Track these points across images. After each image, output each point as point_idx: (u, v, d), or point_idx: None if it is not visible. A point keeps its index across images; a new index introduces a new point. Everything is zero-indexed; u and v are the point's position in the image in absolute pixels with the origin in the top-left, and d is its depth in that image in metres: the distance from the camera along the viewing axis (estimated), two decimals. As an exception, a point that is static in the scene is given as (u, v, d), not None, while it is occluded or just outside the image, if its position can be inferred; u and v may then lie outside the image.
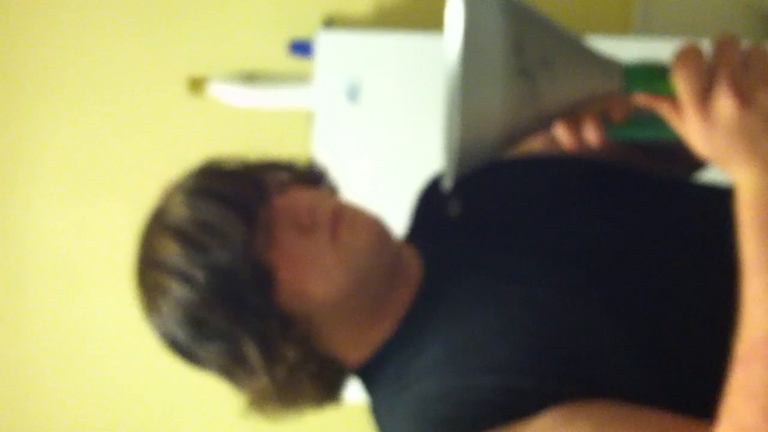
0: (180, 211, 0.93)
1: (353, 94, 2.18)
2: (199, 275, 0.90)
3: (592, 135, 0.80)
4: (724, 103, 0.71)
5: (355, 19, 2.40)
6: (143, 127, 2.47)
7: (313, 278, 0.92)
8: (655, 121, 0.79)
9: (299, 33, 2.36)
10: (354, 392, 1.02)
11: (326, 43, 2.21)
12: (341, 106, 2.19)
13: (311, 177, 1.04)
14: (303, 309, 0.92)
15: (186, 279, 0.91)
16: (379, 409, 0.97)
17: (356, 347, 0.97)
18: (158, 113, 2.46)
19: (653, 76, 0.75)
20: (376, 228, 0.96)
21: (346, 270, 0.92)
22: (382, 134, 2.19)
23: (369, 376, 0.98)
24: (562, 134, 0.81)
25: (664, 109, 0.76)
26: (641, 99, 0.77)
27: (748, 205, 0.73)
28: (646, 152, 1.06)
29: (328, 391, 0.98)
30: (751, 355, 0.71)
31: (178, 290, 0.91)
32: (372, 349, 0.96)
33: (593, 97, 0.76)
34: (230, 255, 0.90)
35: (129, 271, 0.99)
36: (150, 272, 0.95)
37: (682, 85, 0.72)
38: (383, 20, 2.39)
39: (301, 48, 2.33)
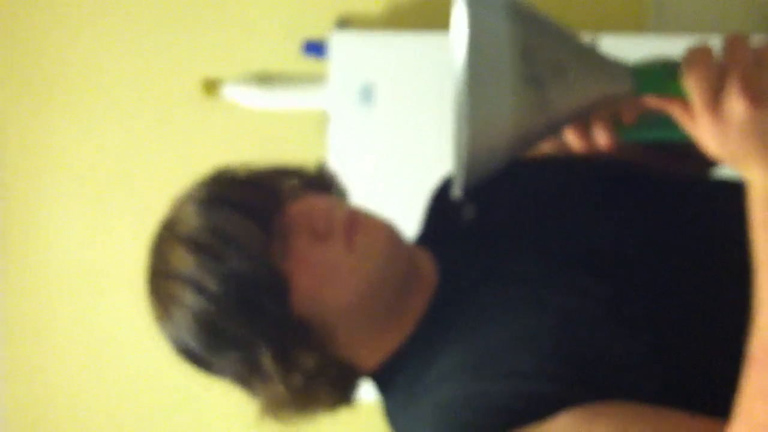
0: (193, 221, 0.92)
1: (367, 94, 2.18)
2: (215, 285, 0.89)
3: (602, 138, 0.80)
4: (736, 104, 0.70)
5: (368, 19, 2.40)
6: (157, 129, 2.48)
7: (330, 285, 0.92)
8: (666, 122, 0.78)
9: (312, 33, 2.36)
10: (367, 392, 1.02)
11: (340, 43, 2.21)
12: (355, 106, 2.19)
13: (322, 182, 1.03)
14: (319, 316, 0.92)
15: (201, 289, 0.90)
16: (394, 414, 0.97)
17: (371, 352, 0.96)
18: (172, 115, 2.46)
19: (663, 78, 0.75)
20: (389, 233, 0.95)
21: (362, 276, 0.92)
22: (396, 135, 2.19)
23: (384, 380, 0.98)
24: (572, 139, 0.81)
25: (675, 111, 0.76)
26: (652, 101, 0.77)
27: (761, 205, 0.73)
28: (659, 151, 1.06)
29: (342, 396, 0.98)
30: (765, 356, 0.71)
31: (192, 300, 0.90)
32: (387, 353, 0.96)
33: (603, 101, 0.76)
34: (246, 263, 0.89)
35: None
36: (164, 283, 0.94)
37: (693, 86, 0.72)
38: (397, 21, 2.39)
39: (315, 48, 2.33)
